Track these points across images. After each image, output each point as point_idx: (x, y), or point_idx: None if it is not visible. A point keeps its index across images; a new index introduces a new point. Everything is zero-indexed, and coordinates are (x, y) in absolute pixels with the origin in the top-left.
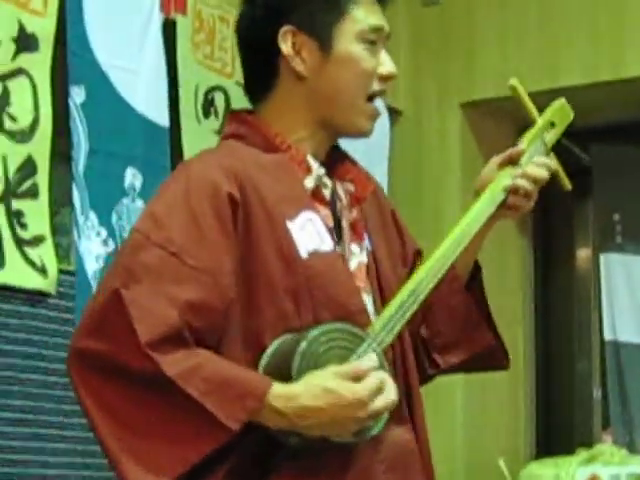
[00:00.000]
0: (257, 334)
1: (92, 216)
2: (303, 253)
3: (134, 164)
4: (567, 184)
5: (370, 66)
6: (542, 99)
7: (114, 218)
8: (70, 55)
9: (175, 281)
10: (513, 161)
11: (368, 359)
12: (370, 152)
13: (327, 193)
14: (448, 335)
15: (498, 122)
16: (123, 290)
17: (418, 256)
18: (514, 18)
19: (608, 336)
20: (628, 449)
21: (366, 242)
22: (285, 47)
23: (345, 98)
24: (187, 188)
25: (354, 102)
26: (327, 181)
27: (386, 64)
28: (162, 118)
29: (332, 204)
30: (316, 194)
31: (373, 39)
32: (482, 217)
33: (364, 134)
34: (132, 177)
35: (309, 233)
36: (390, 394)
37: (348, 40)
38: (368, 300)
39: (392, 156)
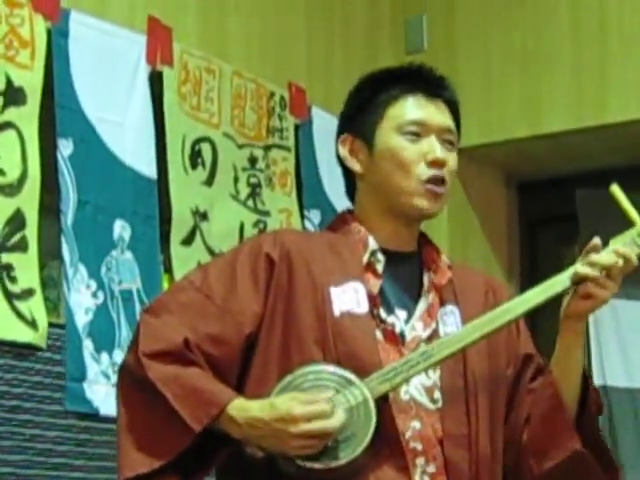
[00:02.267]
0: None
1: (81, 269)
2: (337, 312)
3: (123, 216)
4: None
5: (410, 154)
6: (526, 145)
7: (103, 270)
8: (58, 108)
9: (201, 316)
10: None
11: (326, 392)
12: None
13: (380, 267)
14: (543, 440)
15: (484, 169)
16: (145, 314)
17: (527, 360)
18: (497, 65)
19: (597, 381)
20: None
21: (446, 328)
22: (342, 152)
23: (394, 185)
24: (240, 250)
25: (405, 187)
26: (381, 257)
27: (432, 150)
28: (150, 169)
29: (394, 280)
30: (370, 268)
31: (414, 130)
32: (532, 301)
33: (426, 213)
34: (121, 229)
35: (349, 297)
36: (330, 423)
37: (387, 135)
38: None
39: None
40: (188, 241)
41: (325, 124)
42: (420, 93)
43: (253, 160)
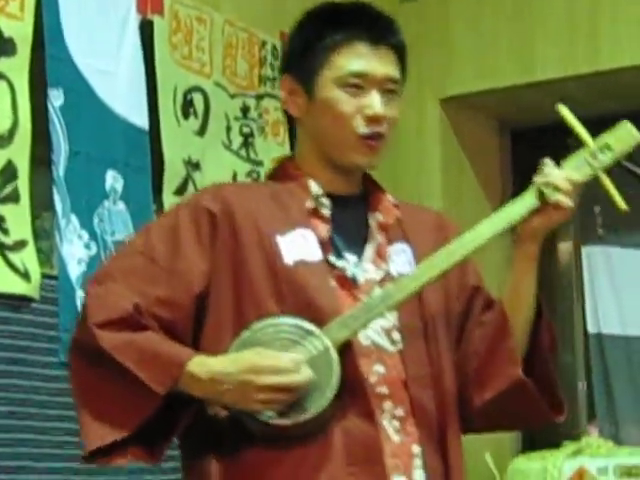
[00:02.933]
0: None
1: (74, 219)
2: (289, 262)
3: (115, 166)
4: (621, 205)
5: (348, 108)
6: (519, 92)
7: (96, 221)
8: (48, 58)
9: (148, 281)
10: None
11: (293, 349)
12: None
13: (326, 212)
14: (486, 371)
15: (477, 116)
16: (90, 285)
17: (476, 292)
18: (490, 12)
19: (592, 329)
20: (614, 441)
21: (397, 267)
22: (282, 93)
23: (330, 138)
24: (179, 207)
25: (341, 141)
26: (325, 201)
27: (372, 106)
28: (141, 119)
29: (340, 224)
30: (315, 213)
31: (355, 83)
32: (489, 230)
33: (364, 167)
34: (113, 180)
35: (299, 245)
36: (297, 377)
37: (327, 86)
38: None
39: None
40: (181, 191)
41: None
42: (365, 39)
43: (245, 109)
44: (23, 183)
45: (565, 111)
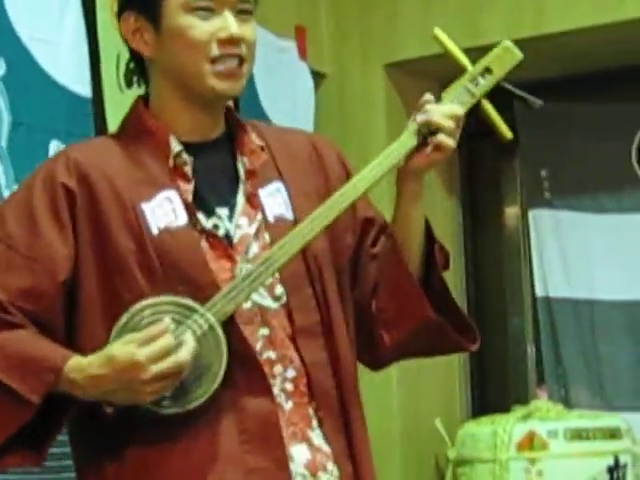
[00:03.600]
0: (116, 315)
1: None
2: (154, 230)
3: (58, 136)
4: (506, 133)
5: (200, 33)
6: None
7: None
8: None
9: (7, 270)
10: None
11: (160, 324)
12: (295, 114)
13: (188, 169)
14: (391, 309)
15: (423, 82)
16: None
17: (367, 225)
18: None
19: (539, 292)
20: (564, 404)
21: (274, 209)
22: (125, 31)
23: (187, 68)
24: (32, 184)
25: (197, 69)
26: (187, 157)
27: (225, 28)
28: (85, 89)
29: (208, 177)
30: (178, 172)
31: (205, 6)
32: (372, 174)
33: (224, 95)
34: (56, 149)
35: (164, 211)
36: (180, 356)
37: (175, 13)
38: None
39: (317, 119)
40: None
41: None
42: None
43: None
44: None
45: (442, 36)
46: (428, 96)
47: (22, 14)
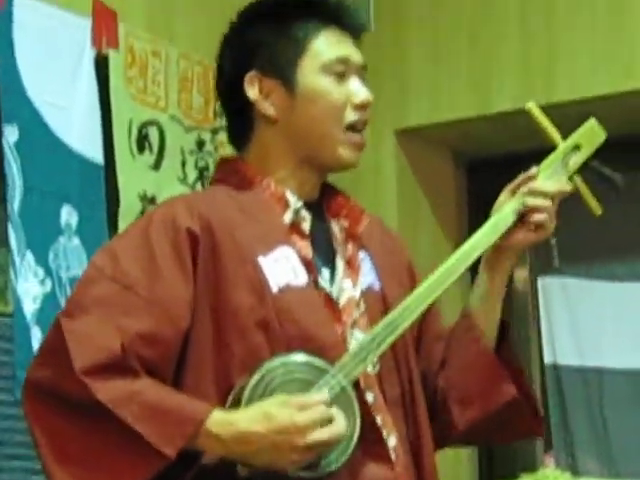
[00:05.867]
0: (226, 370)
1: (29, 256)
2: (274, 287)
3: (70, 202)
4: (596, 208)
5: (338, 97)
6: (475, 125)
7: (51, 257)
8: (2, 93)
9: (126, 312)
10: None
11: (319, 393)
12: None
13: (306, 226)
14: (466, 387)
15: (433, 148)
16: (63, 319)
17: (428, 312)
18: (446, 44)
19: (548, 359)
20: (571, 472)
21: (366, 279)
22: (252, 93)
23: (319, 132)
24: (148, 225)
25: (330, 135)
26: (305, 214)
27: (359, 93)
28: (96, 154)
29: (313, 237)
30: (295, 228)
31: (340, 70)
32: (482, 245)
33: (348, 165)
34: (68, 215)
35: (283, 268)
36: (336, 427)
37: (312, 75)
38: (359, 336)
39: None
40: None
41: None
42: (336, 25)
43: (201, 143)
44: None
45: (536, 110)
46: (534, 170)
47: (35, 79)
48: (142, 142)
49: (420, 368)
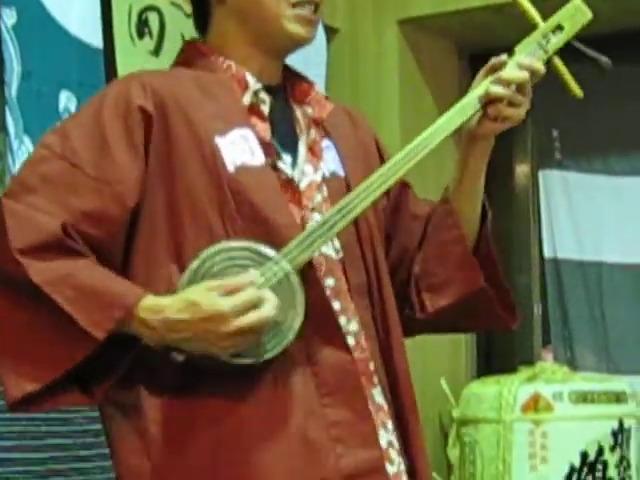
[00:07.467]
0: (178, 247)
1: (26, 141)
2: (230, 166)
3: (68, 87)
4: (576, 90)
5: None
6: (478, 15)
7: None
8: None
9: (72, 191)
10: (496, 70)
11: (247, 275)
12: (307, 71)
13: (265, 109)
14: (438, 274)
15: (436, 38)
16: (5, 199)
17: (403, 186)
18: None
19: (548, 253)
20: (569, 366)
21: (329, 165)
22: None
23: (264, 9)
24: (101, 103)
25: (276, 11)
26: (265, 96)
27: None
28: (96, 39)
29: (274, 121)
30: (254, 110)
31: None
32: (446, 129)
33: (300, 40)
34: (66, 100)
35: (240, 148)
36: (265, 311)
37: None
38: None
39: (329, 74)
40: None
41: None
42: None
43: None
44: None
45: None
46: (503, 57)
47: None
48: (142, 27)
49: (391, 256)
